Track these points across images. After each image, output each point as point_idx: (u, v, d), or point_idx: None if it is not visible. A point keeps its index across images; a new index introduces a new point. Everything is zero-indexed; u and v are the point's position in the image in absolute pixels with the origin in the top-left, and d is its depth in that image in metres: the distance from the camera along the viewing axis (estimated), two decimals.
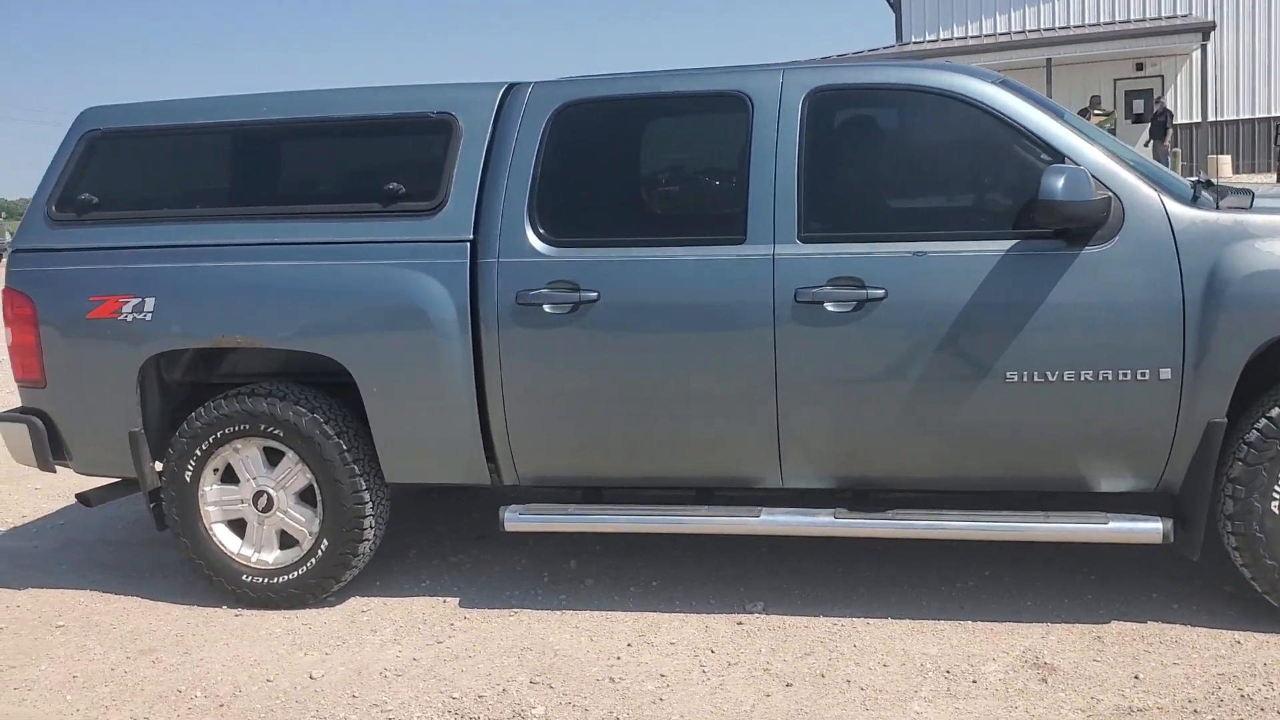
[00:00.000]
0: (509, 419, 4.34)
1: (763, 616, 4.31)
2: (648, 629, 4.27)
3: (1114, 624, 4.08)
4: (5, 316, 4.80)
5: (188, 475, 4.63)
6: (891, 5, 30.55)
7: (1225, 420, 3.82)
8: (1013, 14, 28.87)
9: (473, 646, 4.20)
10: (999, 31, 28.80)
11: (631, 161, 4.49)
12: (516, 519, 4.41)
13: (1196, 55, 26.33)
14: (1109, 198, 3.86)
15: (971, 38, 28.45)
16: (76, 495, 5.09)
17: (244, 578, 4.64)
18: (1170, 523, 3.94)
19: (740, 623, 4.28)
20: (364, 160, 4.63)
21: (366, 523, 4.54)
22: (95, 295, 4.61)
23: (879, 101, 4.23)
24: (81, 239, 4.71)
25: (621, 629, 4.29)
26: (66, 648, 4.40)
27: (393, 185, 4.40)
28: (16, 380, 4.84)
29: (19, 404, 4.95)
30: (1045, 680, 3.70)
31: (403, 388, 4.39)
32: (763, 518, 4.23)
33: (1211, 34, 25.71)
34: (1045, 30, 27.75)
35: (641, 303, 4.18)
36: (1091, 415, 3.90)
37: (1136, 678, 3.68)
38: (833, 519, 4.18)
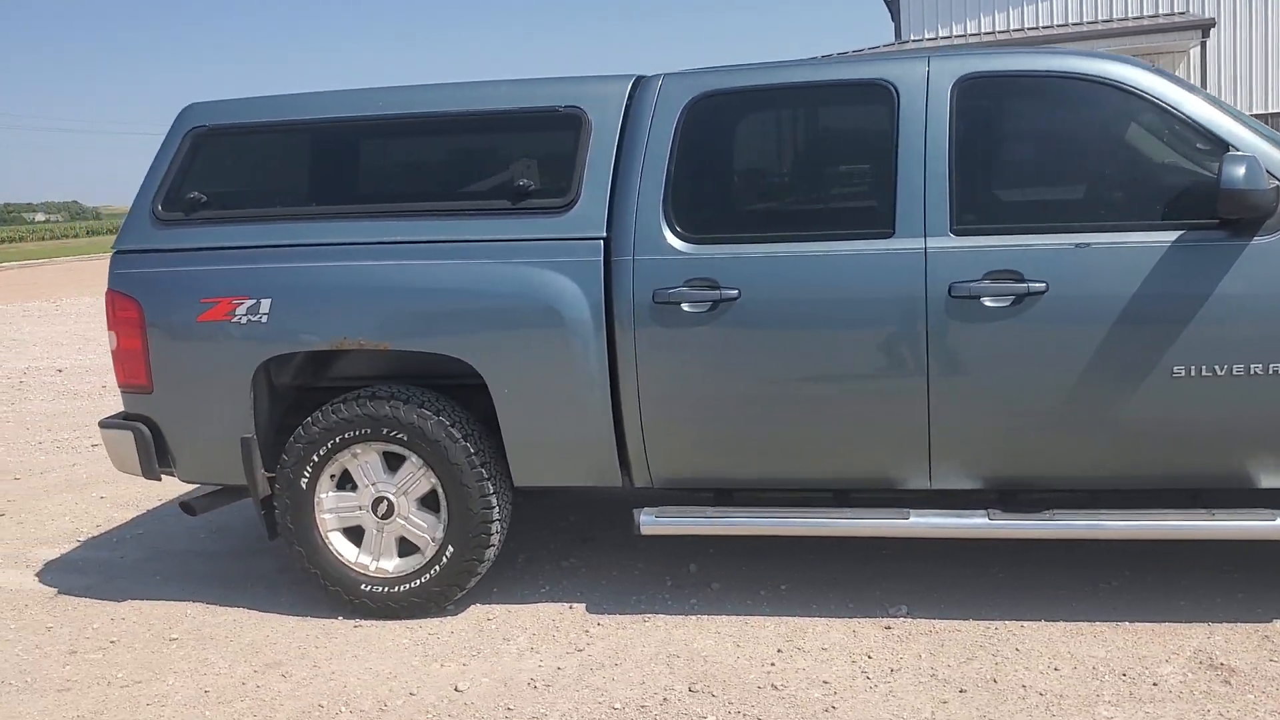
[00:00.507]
0: (645, 420, 4.21)
1: (909, 620, 4.20)
2: (792, 634, 4.15)
3: (1277, 623, 3.99)
4: (110, 320, 4.64)
5: (304, 482, 4.48)
6: (888, 4, 30.51)
7: None
8: (1011, 11, 28.89)
9: (616, 654, 4.08)
10: (998, 29, 28.79)
11: (769, 154, 4.38)
12: (653, 522, 4.28)
13: (1195, 53, 26.39)
14: (1278, 186, 3.77)
15: (971, 35, 28.44)
16: (181, 504, 4.93)
17: (363, 587, 4.50)
18: None
19: (888, 627, 4.17)
20: (489, 156, 4.49)
21: (493, 528, 4.41)
22: (207, 297, 4.46)
23: (1031, 89, 4.11)
24: (190, 239, 4.56)
25: (765, 634, 4.17)
26: (188, 661, 4.25)
27: (522, 182, 4.27)
28: (120, 385, 4.68)
29: (122, 409, 4.79)
30: (1228, 682, 3.60)
31: (535, 389, 4.26)
32: (912, 520, 4.12)
33: (1211, 31, 25.78)
34: (1044, 27, 27.76)
35: (785, 300, 4.06)
36: (1261, 409, 3.81)
37: None
38: (987, 520, 4.07)
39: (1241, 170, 3.62)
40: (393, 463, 4.49)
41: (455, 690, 3.89)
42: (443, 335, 4.30)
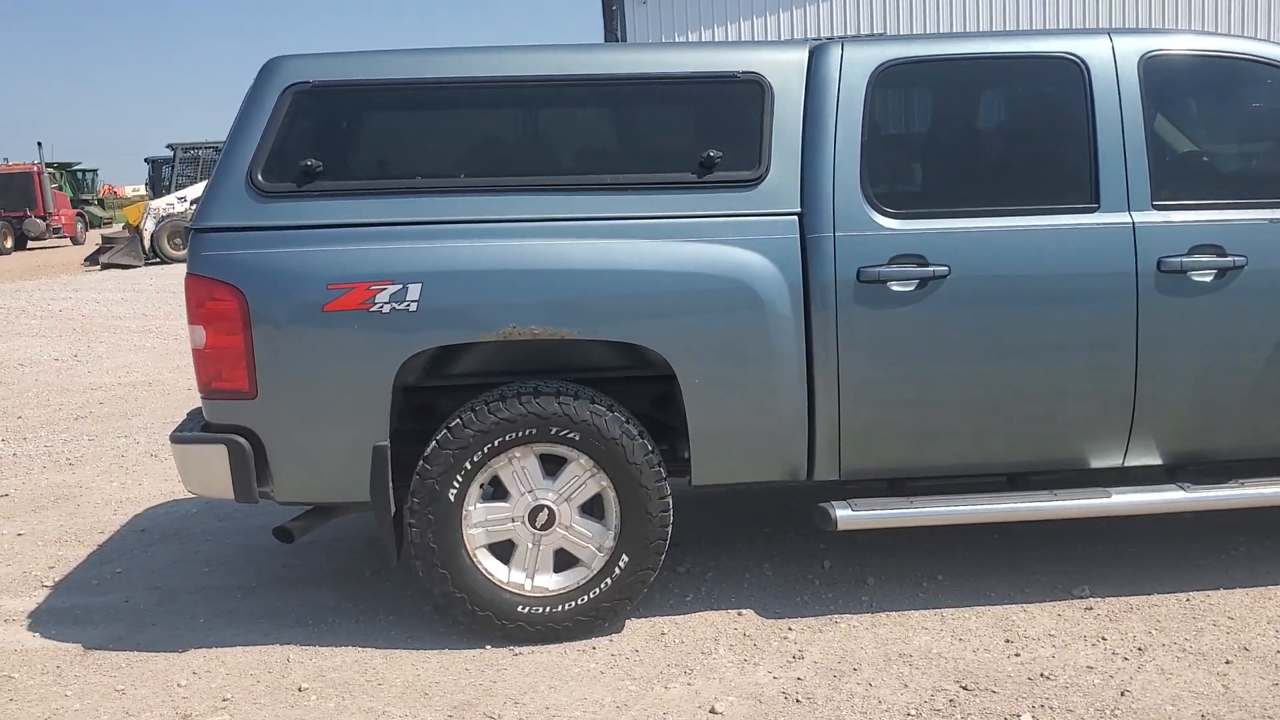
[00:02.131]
0: (843, 407, 3.95)
1: (1102, 600, 4.17)
2: (1000, 623, 4.02)
3: None
4: (195, 314, 3.85)
5: (452, 493, 3.90)
6: (608, 14, 30.93)
7: None
8: (741, 23, 29.93)
9: (842, 659, 3.80)
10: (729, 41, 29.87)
11: (962, 125, 4.21)
12: (851, 516, 4.02)
13: None
14: None
15: None
16: (277, 530, 4.17)
17: (520, 609, 3.97)
18: None
19: (1089, 608, 4.12)
20: (663, 125, 4.08)
21: (669, 532, 4.01)
22: (336, 283, 3.79)
23: (1214, 68, 4.19)
24: (309, 214, 3.86)
25: (974, 625, 4.02)
26: (353, 713, 3.58)
27: (707, 155, 3.90)
28: (208, 391, 3.90)
29: (200, 419, 4.00)
30: None
31: (728, 378, 3.90)
32: (1114, 498, 4.08)
33: None
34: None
35: (996, 276, 3.94)
36: None
37: None
38: (1184, 494, 4.10)
39: None
40: (550, 467, 3.99)
41: (712, 713, 3.48)
42: (629, 323, 3.86)
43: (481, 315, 3.82)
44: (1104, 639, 3.86)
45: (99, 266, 23.52)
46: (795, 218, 3.92)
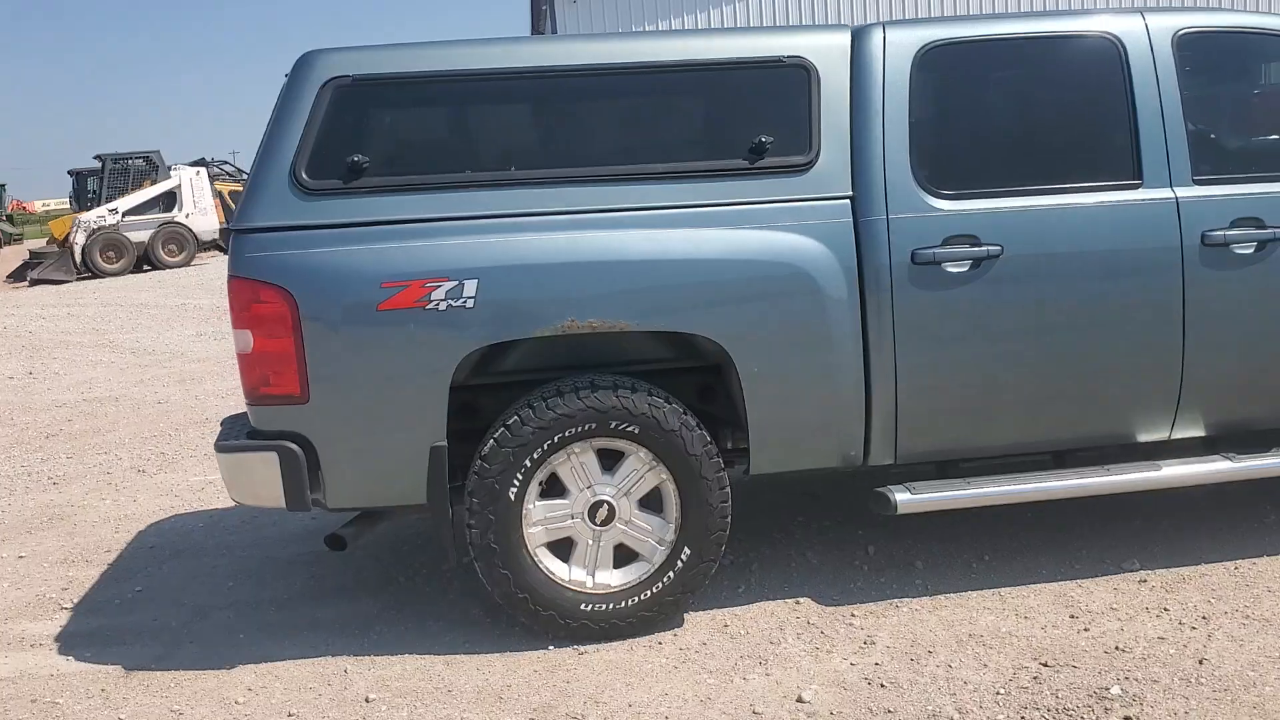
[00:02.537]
0: (900, 391, 3.95)
1: (1152, 572, 4.22)
2: (1057, 600, 4.05)
3: None
4: (241, 317, 3.73)
5: (512, 492, 3.82)
6: (535, 12, 30.83)
7: None
8: (673, 21, 29.93)
9: (914, 643, 3.79)
10: None
11: (1006, 105, 4.21)
12: (911, 499, 4.01)
13: None
14: None
15: None
16: (329, 537, 4.06)
17: (583, 607, 3.90)
18: None
19: (1143, 580, 4.16)
20: (711, 112, 4.02)
21: (729, 523, 3.97)
22: (391, 281, 3.69)
23: (1243, 45, 4.25)
24: (358, 211, 3.75)
25: (1034, 603, 4.03)
26: None
27: (759, 140, 3.87)
28: (255, 397, 3.77)
29: (246, 426, 3.88)
30: None
31: (787, 366, 3.87)
32: (1164, 471, 4.13)
33: None
34: None
35: (1048, 254, 3.96)
36: None
37: None
38: (1230, 464, 4.16)
39: None
40: (607, 461, 3.93)
41: (799, 701, 3.45)
42: (688, 312, 3.81)
43: (539, 309, 3.75)
44: (1166, 610, 3.90)
45: (27, 283, 22.84)
46: (848, 201, 3.90)
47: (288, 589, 4.68)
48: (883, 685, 3.52)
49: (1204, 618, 3.82)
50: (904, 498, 4.01)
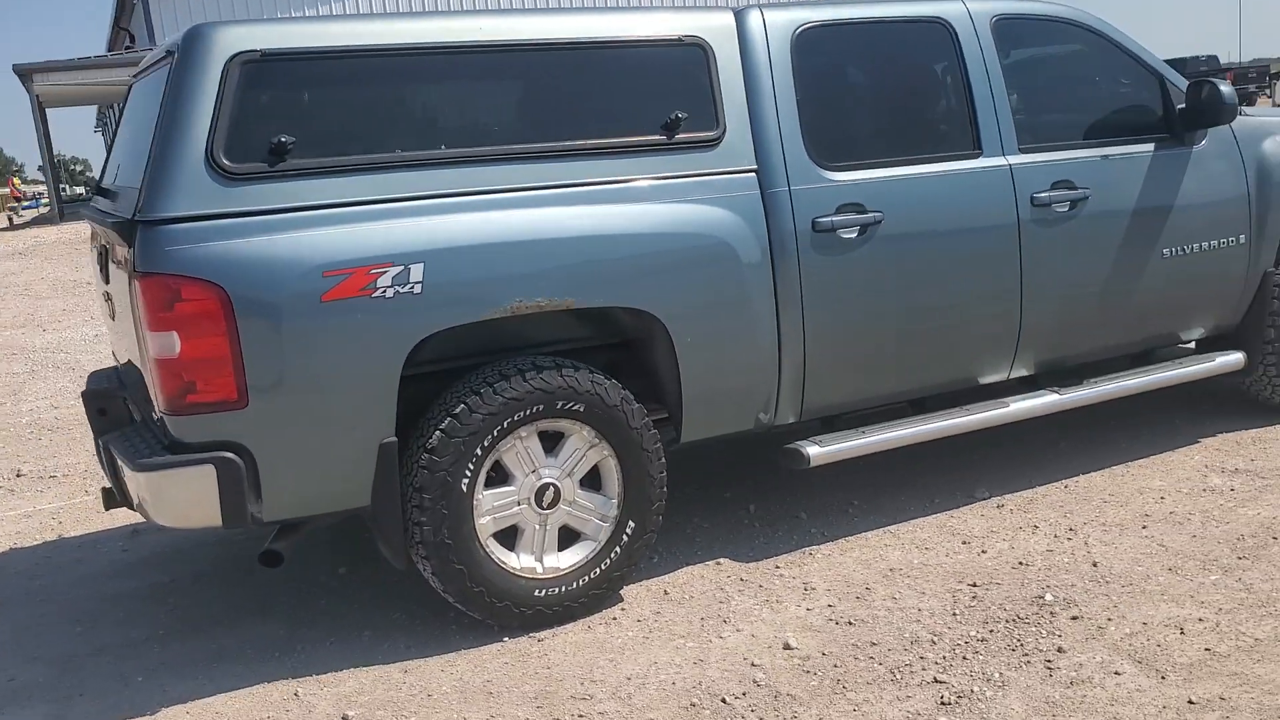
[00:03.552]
0: (808, 350, 4.21)
1: (1002, 497, 4.75)
2: (941, 530, 4.47)
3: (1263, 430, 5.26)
4: (161, 319, 3.35)
5: (464, 483, 3.70)
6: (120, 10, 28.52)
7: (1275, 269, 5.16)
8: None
9: (848, 582, 4.06)
10: None
11: (872, 83, 4.54)
12: (821, 452, 4.29)
13: None
14: None
15: None
16: (264, 553, 3.70)
17: (536, 593, 3.85)
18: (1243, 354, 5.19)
19: (1001, 505, 4.68)
20: (620, 89, 4.02)
21: (666, 493, 4.06)
22: (332, 269, 3.46)
23: (1052, 30, 4.84)
24: (288, 195, 3.47)
25: (922, 536, 4.42)
26: None
27: (675, 116, 3.97)
28: (180, 406, 3.39)
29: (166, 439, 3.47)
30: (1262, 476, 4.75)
31: (715, 334, 4.02)
32: (1012, 407, 4.66)
33: None
34: None
35: (917, 218, 4.35)
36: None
37: None
38: (1058, 396, 4.77)
39: (1227, 90, 4.74)
40: (547, 444, 3.89)
41: (787, 648, 3.62)
42: (628, 286, 3.86)
43: (488, 291, 3.65)
44: (1036, 528, 4.42)
45: None
46: (754, 174, 4.09)
47: (155, 624, 4.22)
48: (850, 623, 3.76)
49: (1070, 529, 4.38)
50: (815, 451, 4.28)
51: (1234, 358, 5.15)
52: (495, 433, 3.72)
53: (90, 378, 4.78)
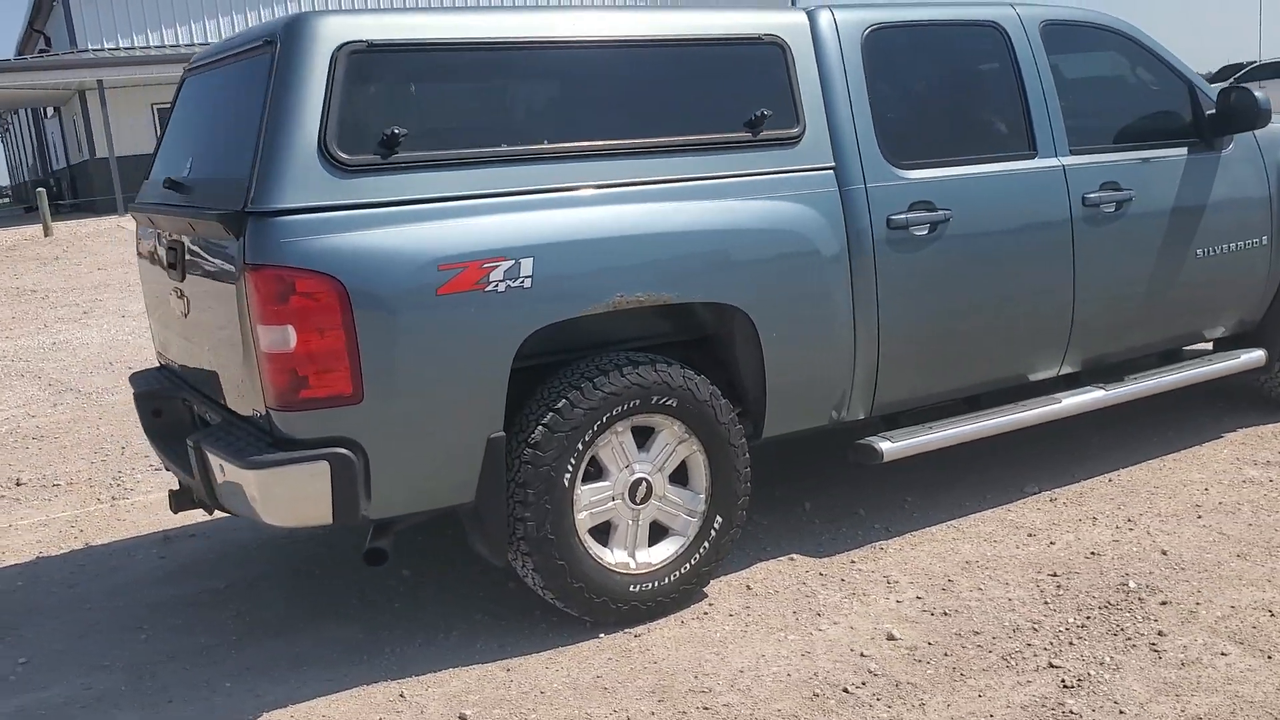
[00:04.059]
0: (882, 348, 4.26)
1: (1053, 491, 4.86)
2: (1002, 524, 4.55)
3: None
4: (276, 312, 3.27)
5: (566, 478, 3.68)
6: (36, 12, 27.82)
7: None
8: (179, 29, 28.15)
9: (929, 575, 4.12)
10: (167, 43, 27.93)
11: (935, 84, 4.61)
12: (893, 447, 4.34)
13: None
14: None
15: (153, 47, 27.24)
16: (369, 551, 3.62)
17: (631, 588, 3.84)
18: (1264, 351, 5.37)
19: (1054, 499, 4.78)
20: (705, 87, 4.02)
21: (749, 487, 4.08)
22: (448, 263, 3.42)
23: (1083, 36, 4.97)
24: (402, 188, 3.42)
25: (986, 530, 4.51)
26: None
27: (760, 113, 4.00)
28: (293, 402, 3.32)
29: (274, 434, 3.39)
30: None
31: (799, 329, 4.05)
32: (1064, 403, 4.77)
33: None
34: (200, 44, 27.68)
35: (983, 215, 4.43)
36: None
37: None
38: (1104, 392, 4.89)
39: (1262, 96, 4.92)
40: (639, 439, 3.89)
41: (890, 639, 3.66)
42: (720, 282, 3.87)
43: (593, 286, 3.64)
44: (1095, 520, 4.53)
45: None
46: (832, 172, 4.14)
47: (221, 629, 4.12)
48: (945, 614, 3.81)
49: (1129, 520, 4.49)
50: (888, 446, 4.33)
51: (1257, 355, 5.34)
52: (595, 427, 3.70)
53: (134, 380, 4.66)
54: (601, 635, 3.81)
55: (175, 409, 4.34)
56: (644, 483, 3.86)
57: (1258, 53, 45.36)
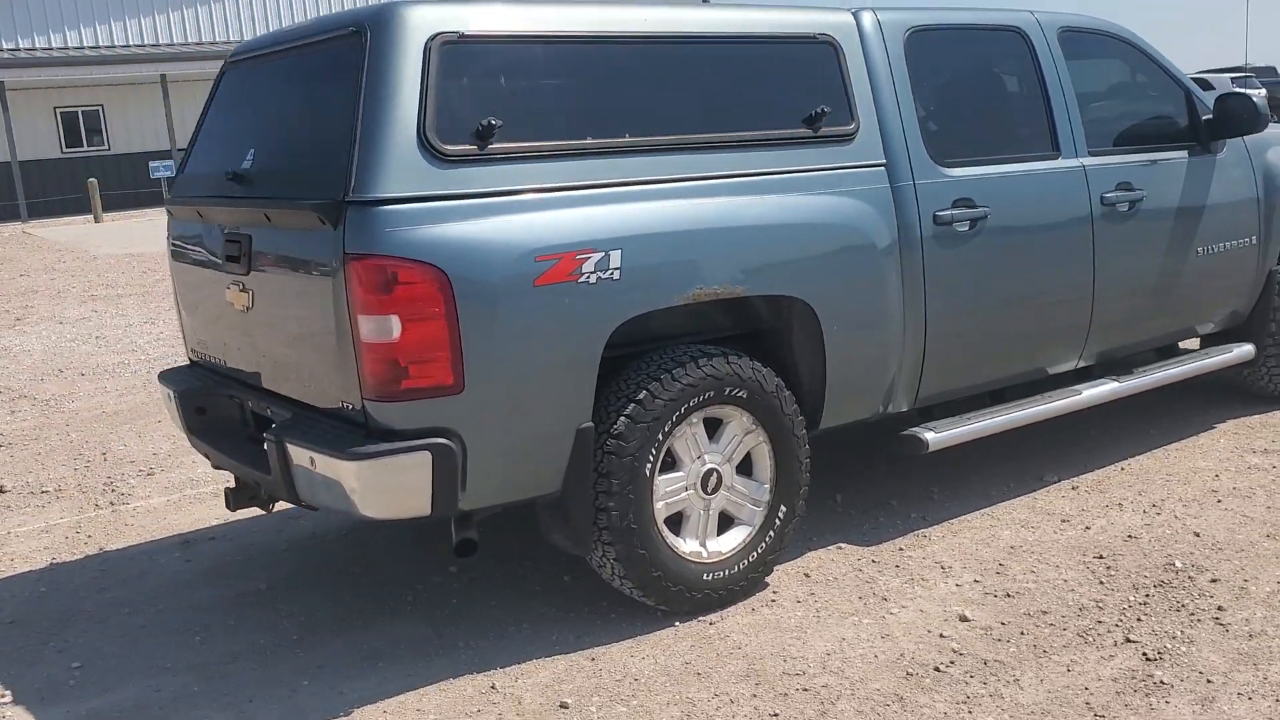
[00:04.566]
0: (929, 340, 4.38)
1: (1070, 480, 5.03)
2: (1034, 511, 4.71)
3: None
4: (380, 302, 3.25)
5: (648, 468, 3.71)
6: None
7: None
8: (98, 28, 27.31)
9: (979, 560, 4.25)
10: (86, 43, 27.09)
11: (974, 85, 4.76)
12: (938, 437, 4.46)
13: None
14: None
15: (72, 47, 26.38)
16: (460, 543, 3.60)
17: (705, 577, 3.89)
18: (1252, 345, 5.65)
19: (1074, 487, 4.96)
20: (774, 83, 4.10)
21: (809, 477, 4.16)
22: (544, 254, 3.44)
23: (1095, 43, 5.18)
24: (499, 179, 3.43)
25: (1021, 516, 4.65)
26: (673, 707, 3.33)
27: (820, 110, 4.10)
28: (393, 393, 3.29)
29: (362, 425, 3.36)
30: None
31: (855, 323, 4.15)
32: (1084, 394, 4.96)
33: None
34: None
35: (1017, 212, 4.59)
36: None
37: None
38: (1119, 384, 5.09)
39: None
40: (709, 430, 3.94)
41: (963, 620, 3.77)
42: (788, 275, 3.95)
43: (675, 279, 3.69)
44: (1120, 505, 4.71)
45: None
46: (883, 168, 4.25)
47: (278, 630, 4.05)
48: (1008, 595, 3.94)
49: (1154, 505, 4.69)
50: (933, 436, 4.46)
51: (1247, 349, 5.61)
52: (674, 418, 3.74)
53: (167, 379, 4.55)
54: (677, 624, 3.85)
55: (222, 406, 4.26)
56: (714, 473, 3.91)
57: (1244, 57, 46.95)
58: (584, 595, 4.08)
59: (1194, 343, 5.86)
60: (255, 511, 4.58)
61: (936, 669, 3.46)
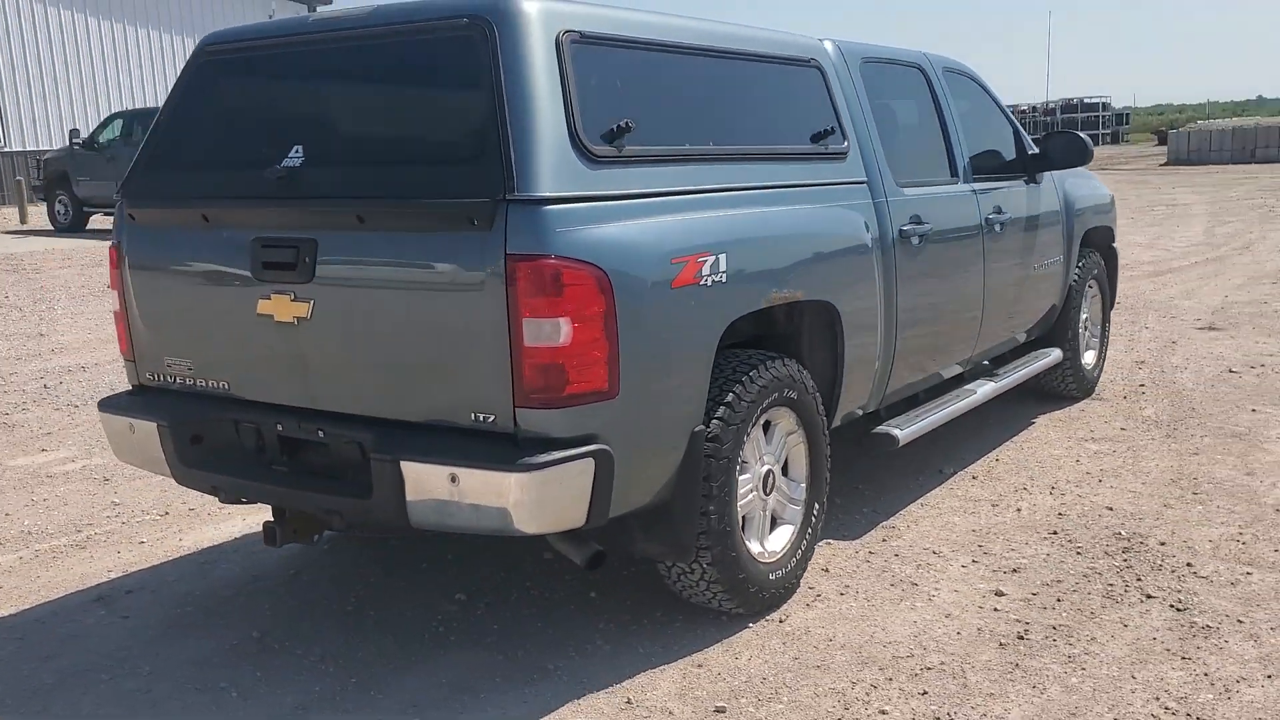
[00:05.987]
0: (898, 341, 4.74)
1: (963, 469, 5.59)
2: (959, 500, 5.20)
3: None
4: (547, 304, 3.10)
5: (735, 471, 3.78)
6: None
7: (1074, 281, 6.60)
8: None
9: (966, 544, 4.65)
10: None
11: (895, 114, 5.14)
12: (905, 433, 4.82)
13: None
14: None
15: None
16: (590, 560, 3.43)
17: (770, 576, 3.99)
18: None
19: (974, 476, 5.51)
20: (797, 102, 4.29)
21: (830, 475, 4.39)
22: (677, 256, 3.43)
23: (959, 83, 5.79)
24: (638, 181, 3.38)
25: (950, 504, 5.12)
26: (824, 697, 3.41)
27: (826, 128, 4.36)
28: (552, 400, 3.14)
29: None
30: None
31: (863, 327, 4.43)
32: (978, 392, 5.54)
33: None
34: None
35: (945, 229, 5.07)
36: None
37: None
38: (997, 382, 5.73)
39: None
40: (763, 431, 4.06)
41: (999, 594, 4.13)
42: (826, 281, 4.17)
43: (762, 283, 3.80)
44: (1026, 489, 5.31)
45: None
46: (866, 185, 4.58)
47: (333, 676, 3.67)
48: (1015, 570, 4.35)
49: (1051, 487, 5.32)
50: (901, 432, 4.81)
51: (1058, 353, 6.48)
52: (753, 420, 3.83)
53: (130, 407, 3.96)
54: (750, 625, 3.92)
55: (222, 433, 3.80)
56: (771, 474, 4.03)
57: (1045, 94, 51.60)
58: (626, 608, 4.04)
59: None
60: (168, 554, 4.10)
61: (1020, 637, 3.78)
